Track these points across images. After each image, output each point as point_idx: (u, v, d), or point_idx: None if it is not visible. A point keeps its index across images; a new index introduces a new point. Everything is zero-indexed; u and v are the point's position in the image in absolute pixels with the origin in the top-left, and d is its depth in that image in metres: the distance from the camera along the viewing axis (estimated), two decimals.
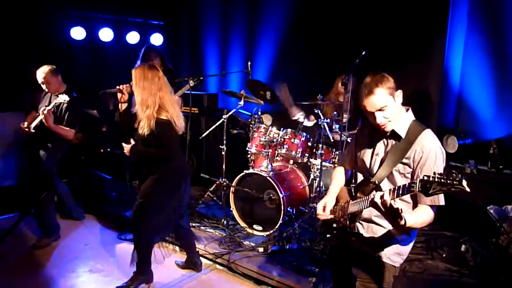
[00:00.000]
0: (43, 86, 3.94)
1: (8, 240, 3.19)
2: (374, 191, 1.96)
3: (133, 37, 6.29)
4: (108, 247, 4.05)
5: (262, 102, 4.47)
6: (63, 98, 3.75)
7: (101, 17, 6.00)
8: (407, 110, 2.12)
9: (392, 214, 1.79)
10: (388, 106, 1.99)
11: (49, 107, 3.75)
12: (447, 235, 4.12)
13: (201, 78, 4.30)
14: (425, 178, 1.61)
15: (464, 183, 1.51)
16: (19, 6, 5.04)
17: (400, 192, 1.77)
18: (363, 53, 3.39)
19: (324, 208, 2.26)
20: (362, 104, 2.04)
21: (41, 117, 3.76)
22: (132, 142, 3.12)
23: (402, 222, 1.80)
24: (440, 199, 1.94)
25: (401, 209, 1.76)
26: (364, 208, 2.03)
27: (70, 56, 5.69)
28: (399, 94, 2.04)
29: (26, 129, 3.90)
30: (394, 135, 2.08)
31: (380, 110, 2.00)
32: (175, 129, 3.01)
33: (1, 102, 5.23)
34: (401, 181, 2.04)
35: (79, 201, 4.63)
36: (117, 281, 3.35)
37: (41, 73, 3.88)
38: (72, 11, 5.67)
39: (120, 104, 3.29)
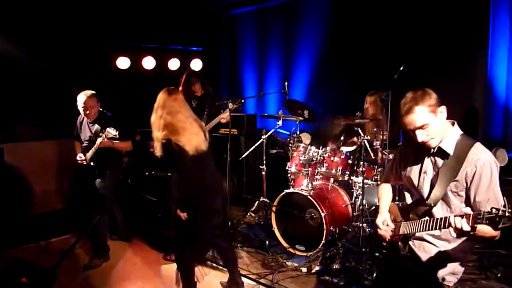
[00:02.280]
0: (84, 112, 3.86)
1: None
2: (428, 217, 1.92)
3: (174, 64, 6.54)
4: (154, 268, 4.15)
5: (301, 119, 4.49)
6: (113, 133, 3.69)
7: (144, 46, 6.32)
8: (453, 124, 2.00)
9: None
10: (429, 124, 1.89)
11: (100, 140, 3.78)
12: (501, 253, 3.90)
13: (242, 101, 4.31)
14: (494, 211, 1.51)
15: None
16: (72, 41, 5.44)
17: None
18: (401, 68, 3.38)
19: (384, 223, 2.16)
20: (401, 122, 1.96)
21: (94, 150, 3.89)
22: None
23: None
24: None
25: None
26: (419, 231, 1.95)
27: (115, 84, 5.97)
28: (442, 110, 1.92)
29: (84, 162, 4.03)
30: (441, 152, 1.98)
31: (420, 128, 1.90)
32: (177, 148, 2.91)
33: (49, 130, 5.60)
34: (454, 200, 1.97)
35: (126, 223, 4.81)
36: None
37: (84, 96, 3.79)
38: (119, 43, 6.04)
39: None
